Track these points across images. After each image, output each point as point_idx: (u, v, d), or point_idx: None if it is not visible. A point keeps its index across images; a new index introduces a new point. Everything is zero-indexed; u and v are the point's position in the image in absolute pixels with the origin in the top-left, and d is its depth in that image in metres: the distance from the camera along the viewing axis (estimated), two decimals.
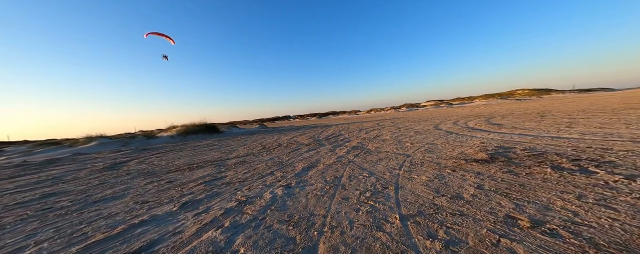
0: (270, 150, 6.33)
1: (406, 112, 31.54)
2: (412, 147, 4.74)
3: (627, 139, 3.60)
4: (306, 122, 35.73)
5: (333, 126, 15.33)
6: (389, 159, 3.82)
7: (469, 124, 8.45)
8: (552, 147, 3.47)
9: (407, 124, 10.61)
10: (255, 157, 5.26)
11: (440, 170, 2.90)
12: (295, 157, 4.82)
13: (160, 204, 2.52)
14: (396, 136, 6.91)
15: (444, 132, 6.69)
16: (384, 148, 4.97)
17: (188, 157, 6.12)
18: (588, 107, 10.82)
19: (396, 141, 5.91)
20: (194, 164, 5.04)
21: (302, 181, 3.02)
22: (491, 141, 4.55)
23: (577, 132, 4.52)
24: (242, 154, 6.04)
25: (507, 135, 5.05)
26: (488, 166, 2.84)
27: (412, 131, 7.76)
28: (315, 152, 5.31)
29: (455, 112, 18.69)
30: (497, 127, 6.48)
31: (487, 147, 3.94)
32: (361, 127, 11.98)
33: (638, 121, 5.20)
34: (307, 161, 4.36)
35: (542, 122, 6.62)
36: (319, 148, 5.86)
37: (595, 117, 6.72)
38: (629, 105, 9.83)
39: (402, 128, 8.99)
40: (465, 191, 2.13)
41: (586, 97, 25.87)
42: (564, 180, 2.15)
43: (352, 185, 2.67)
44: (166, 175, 4.07)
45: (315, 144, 6.81)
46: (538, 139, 4.23)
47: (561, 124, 5.83)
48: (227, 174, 3.77)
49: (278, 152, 5.75)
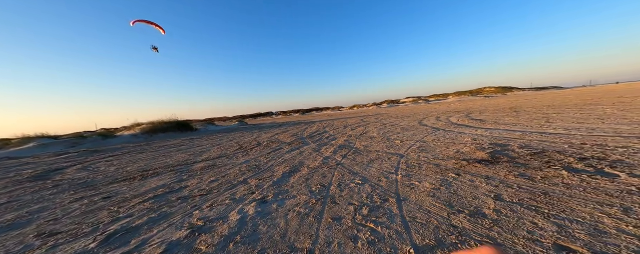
0: (247, 150, 5.59)
1: (388, 109, 32.12)
2: (402, 145, 4.37)
3: (611, 133, 3.57)
4: (289, 118, 34.74)
5: (317, 123, 14.79)
6: (381, 161, 3.37)
7: (451, 119, 8.46)
8: (548, 144, 3.29)
9: (392, 120, 10.44)
10: (228, 160, 4.52)
11: (442, 174, 2.50)
12: (275, 159, 4.18)
13: (75, 238, 1.75)
14: (383, 132, 6.57)
15: (430, 128, 6.50)
16: (373, 147, 4.54)
17: (146, 161, 5.14)
18: (551, 103, 11.60)
19: (384, 138, 5.54)
20: (151, 170, 4.15)
21: (281, 192, 2.42)
22: (482, 137, 4.35)
23: (560, 128, 4.51)
24: (213, 155, 5.23)
25: (494, 131, 4.92)
26: (494, 168, 2.51)
27: (398, 127, 7.51)
28: (298, 152, 4.72)
29: (434, 108, 19.26)
30: (480, 123, 6.44)
31: (482, 144, 3.69)
32: (346, 123, 11.60)
33: (606, 115, 5.42)
34: (288, 163, 3.76)
35: (520, 117, 6.74)
36: (303, 147, 5.27)
37: (565, 112, 7.02)
38: (584, 101, 10.68)
39: (388, 124, 8.74)
40: (484, 205, 1.72)
41: (543, 94, 28.48)
42: (589, 186, 1.85)
43: (344, 197, 2.15)
44: (107, 187, 3.19)
45: (298, 142, 6.21)
46: (527, 135, 4.10)
47: (539, 119, 5.93)
48: (188, 184, 3.03)
49: (256, 153, 5.05)
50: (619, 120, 4.67)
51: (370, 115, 17.66)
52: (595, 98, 11.70)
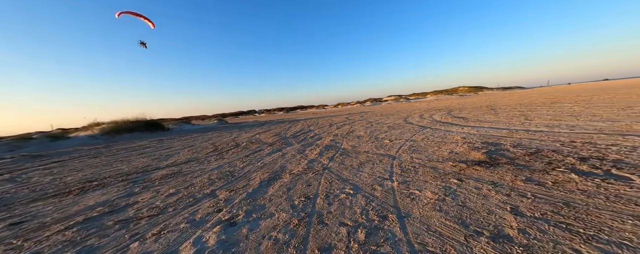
0: (222, 153, 4.95)
1: (372, 107, 32.53)
2: (392, 145, 4.09)
3: (592, 131, 3.59)
4: (273, 116, 33.70)
5: (301, 121, 14.28)
6: (372, 163, 3.02)
7: (434, 117, 8.49)
8: (539, 143, 3.18)
9: (377, 118, 10.30)
10: (198, 165, 3.88)
11: (442, 179, 2.20)
12: (254, 163, 3.65)
13: None
14: (370, 131, 6.30)
15: (417, 126, 6.36)
16: (362, 147, 4.20)
17: (95, 168, 4.29)
18: (520, 101, 12.31)
19: (372, 137, 5.25)
20: (97, 180, 3.38)
21: (256, 209, 1.94)
22: (471, 136, 4.22)
23: (541, 125, 4.54)
24: (181, 160, 4.52)
25: (481, 129, 4.86)
26: (496, 171, 2.26)
27: (385, 125, 7.31)
28: (280, 155, 4.22)
29: (415, 106, 19.74)
30: (463, 121, 6.45)
31: (474, 144, 3.51)
32: (331, 122, 11.25)
33: (576, 113, 5.66)
34: (268, 168, 3.26)
35: (499, 115, 6.88)
36: (286, 149, 4.78)
37: (537, 110, 7.33)
38: (549, 99, 11.46)
39: (374, 123, 8.54)
40: (504, 222, 1.41)
41: (510, 93, 30.78)
42: (610, 193, 1.64)
43: (333, 214, 1.74)
44: (26, 206, 2.45)
45: (281, 143, 5.69)
46: (514, 133, 4.03)
47: (518, 117, 6.05)
48: (138, 199, 2.41)
49: (232, 156, 4.45)
50: (590, 117, 4.85)
51: (355, 113, 17.56)
52: (558, 97, 12.64)
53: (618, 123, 3.94)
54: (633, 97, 8.38)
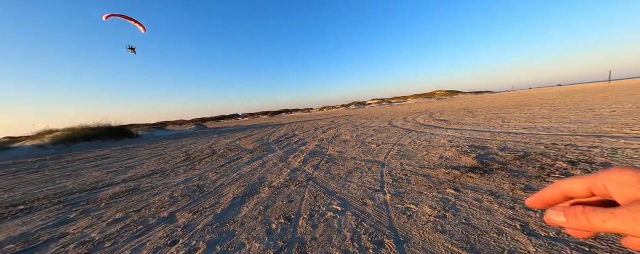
0: (194, 163, 4.40)
1: (356, 110, 32.93)
2: (380, 150, 3.89)
3: (567, 132, 3.70)
4: (256, 121, 32.64)
5: (286, 125, 13.83)
6: (361, 172, 2.76)
7: (417, 120, 8.60)
8: (523, 145, 3.17)
9: (362, 122, 10.23)
10: (162, 179, 3.34)
11: (438, 189, 1.99)
12: (229, 175, 3.21)
13: None
14: (356, 135, 6.11)
15: (402, 129, 6.30)
16: (348, 152, 3.95)
17: (31, 186, 3.52)
18: (492, 104, 13.09)
19: (359, 141, 5.04)
20: (24, 203, 2.71)
21: (222, 238, 1.56)
22: (456, 139, 4.17)
23: (519, 127, 4.66)
24: (142, 173, 3.90)
25: (464, 131, 4.88)
26: (492, 178, 2.11)
27: (370, 129, 7.18)
28: (260, 163, 3.81)
29: (397, 109, 20.25)
30: (446, 124, 6.53)
31: (462, 147, 3.42)
32: (316, 125, 10.97)
33: (547, 115, 5.99)
34: (245, 181, 2.85)
35: (477, 118, 7.10)
36: (267, 156, 4.37)
37: (511, 113, 7.71)
38: (518, 103, 12.31)
39: (359, 126, 8.41)
40: (519, 246, 1.20)
41: (482, 97, 33.11)
42: None
43: (319, 241, 1.42)
44: None
45: (262, 149, 5.25)
46: (497, 136, 4.05)
47: (495, 119, 6.25)
48: (69, 230, 1.88)
49: (205, 167, 3.94)
50: (561, 119, 5.10)
51: (340, 116, 17.49)
52: (524, 101, 13.66)
53: (587, 125, 4.13)
54: (588, 100, 9.23)
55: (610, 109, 5.84)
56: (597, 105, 7.05)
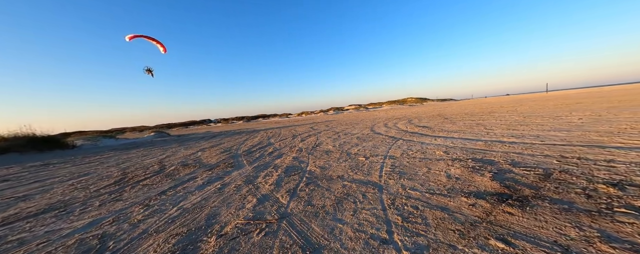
0: (125, 188, 3.19)
1: (335, 115, 32.70)
2: (371, 165, 3.20)
3: (563, 142, 3.47)
4: (230, 127, 30.29)
5: (261, 131, 12.64)
6: (353, 201, 2.00)
7: (399, 126, 8.29)
8: (531, 159, 2.75)
9: (343, 128, 9.64)
10: (53, 223, 2.14)
11: (475, 239, 1.32)
12: (164, 211, 2.18)
13: None
14: (339, 144, 5.41)
15: (387, 137, 5.79)
16: (333, 168, 3.18)
17: None
18: (463, 111, 13.69)
19: (343, 152, 4.32)
20: None
21: None
22: (452, 149, 3.70)
23: (508, 135, 4.43)
24: (32, 209, 2.59)
25: (455, 140, 4.49)
26: (540, 216, 1.52)
27: (353, 136, 6.57)
28: (217, 187, 2.82)
29: (375, 115, 20.37)
30: (429, 131, 6.22)
31: (465, 161, 2.90)
32: (295, 132, 10.07)
33: (523, 122, 6.04)
34: (183, 222, 1.87)
35: (458, 124, 6.98)
36: (231, 175, 3.38)
37: (487, 119, 7.80)
38: (484, 110, 12.99)
39: (341, 133, 7.76)
40: None
41: (449, 104, 35.67)
42: None
43: None
44: None
45: (226, 165, 4.20)
46: (492, 146, 3.68)
47: (476, 126, 6.12)
48: None
49: (136, 195, 2.79)
50: (540, 127, 5.04)
51: (319, 122, 16.82)
52: (488, 108, 14.59)
53: (573, 133, 4.01)
54: (543, 107, 9.97)
55: (575, 116, 6.09)
56: (557, 112, 7.47)
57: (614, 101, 9.69)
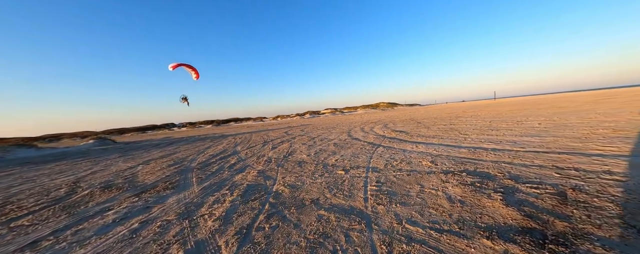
0: None
1: (311, 119, 32.09)
2: (352, 181, 2.57)
3: (542, 149, 3.34)
4: (195, 131, 27.42)
5: (229, 137, 11.30)
6: (334, 244, 1.31)
7: (376, 130, 7.99)
8: (527, 171, 2.44)
9: (319, 133, 9.01)
10: None
11: None
12: None
13: None
14: (315, 152, 4.73)
15: (366, 143, 5.31)
16: (306, 188, 2.46)
17: None
18: (432, 115, 14.32)
19: (319, 163, 3.65)
20: None
21: None
22: (438, 159, 3.31)
23: (486, 141, 4.28)
24: None
25: (436, 146, 4.18)
26: None
27: (330, 143, 5.96)
28: (132, 227, 1.85)
29: (351, 119, 20.34)
30: (407, 136, 5.95)
31: (460, 175, 2.46)
32: (267, 138, 9.09)
33: (490, 126, 6.16)
34: None
35: (432, 129, 6.89)
36: (162, 204, 2.40)
37: (457, 124, 7.96)
38: (451, 115, 13.72)
39: (317, 139, 7.10)
40: None
41: (417, 109, 38.06)
42: None
43: None
44: None
45: (166, 185, 3.15)
46: (477, 153, 3.40)
47: (451, 131, 6.05)
48: None
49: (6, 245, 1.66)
50: (510, 132, 5.08)
51: (295, 126, 15.96)
52: (453, 113, 15.53)
53: (545, 138, 4.00)
54: (500, 113, 10.78)
55: (533, 121, 6.45)
56: (515, 117, 7.97)
57: (554, 107, 10.97)
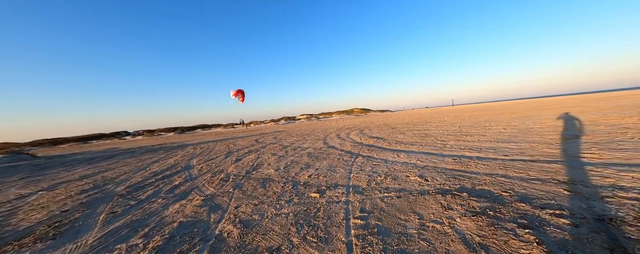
0: None
1: (286, 125, 30.89)
2: (328, 208, 1.88)
3: (526, 157, 3.16)
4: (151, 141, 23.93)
5: (189, 147, 9.72)
6: None
7: (352, 137, 7.56)
8: (534, 189, 2.08)
9: (293, 140, 8.22)
10: None
11: None
12: None
13: None
14: (285, 165, 3.95)
15: (343, 152, 4.73)
16: (266, 223, 1.67)
17: None
18: (403, 121, 14.70)
19: (288, 180, 2.89)
20: None
21: None
22: (425, 171, 2.85)
23: (466, 148, 4.07)
24: None
25: (418, 155, 3.78)
26: None
27: (304, 152, 5.24)
28: None
29: (327, 125, 19.95)
30: (384, 143, 5.59)
31: (461, 197, 1.97)
32: (233, 147, 7.93)
33: (462, 132, 6.21)
34: None
35: (408, 135, 6.71)
36: None
37: (430, 129, 7.98)
38: (421, 120, 14.24)
39: (289, 148, 6.30)
40: None
41: (389, 115, 39.82)
42: None
43: None
44: None
45: (55, 228, 2.01)
46: (465, 165, 3.05)
47: (428, 137, 5.88)
48: None
49: None
50: (483, 137, 5.06)
51: (267, 133, 14.81)
52: (422, 118, 16.25)
53: (520, 144, 3.93)
54: (463, 117, 11.48)
55: (498, 126, 6.71)
56: (480, 122, 8.36)
57: (505, 113, 12.10)
